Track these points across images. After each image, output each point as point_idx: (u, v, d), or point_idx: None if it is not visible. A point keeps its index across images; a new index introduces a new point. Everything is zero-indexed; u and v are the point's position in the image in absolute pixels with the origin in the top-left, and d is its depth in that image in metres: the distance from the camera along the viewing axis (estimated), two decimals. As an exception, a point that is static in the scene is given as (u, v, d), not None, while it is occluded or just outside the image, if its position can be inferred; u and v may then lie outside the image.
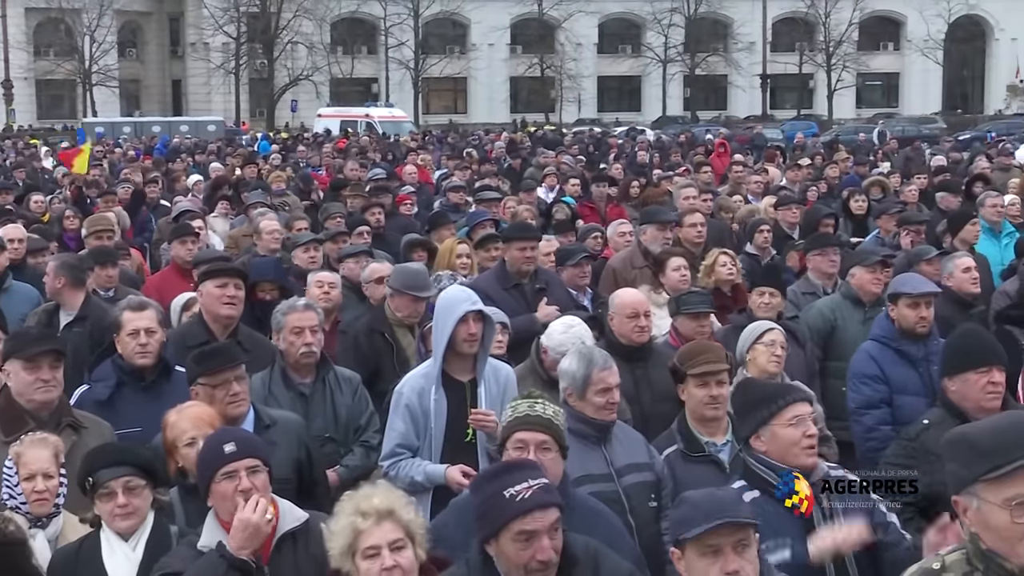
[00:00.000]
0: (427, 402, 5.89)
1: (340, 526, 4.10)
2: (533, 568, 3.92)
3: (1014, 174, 17.66)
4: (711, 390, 5.66)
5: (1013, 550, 3.25)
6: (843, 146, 30.33)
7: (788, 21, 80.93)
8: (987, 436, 3.32)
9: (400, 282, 7.79)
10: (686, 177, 16.81)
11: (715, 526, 3.64)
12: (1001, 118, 65.18)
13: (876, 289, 8.21)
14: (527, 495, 3.93)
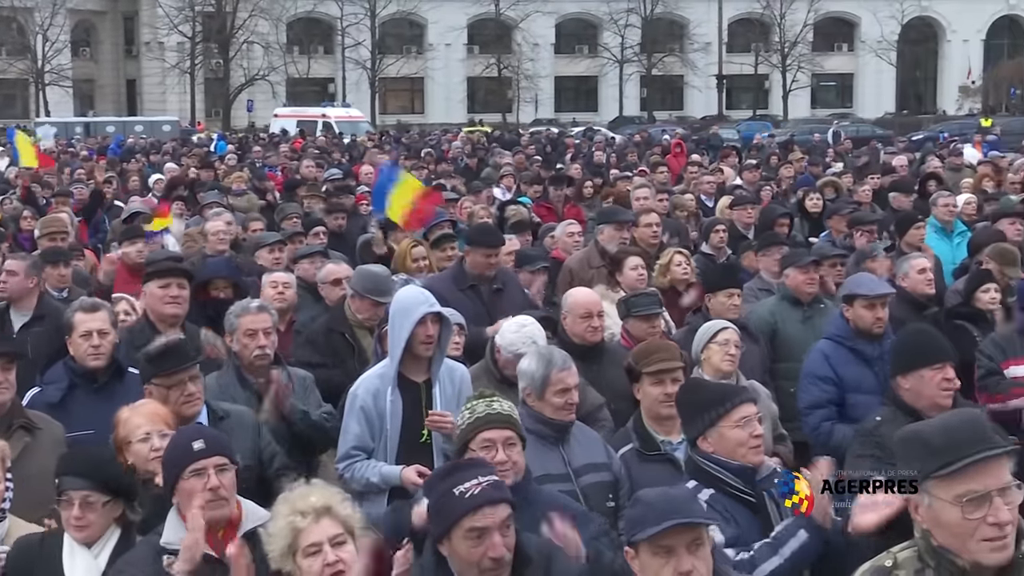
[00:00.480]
0: (383, 403, 5.86)
1: (278, 527, 4.10)
2: (485, 566, 3.92)
3: (965, 174, 17.84)
4: (666, 388, 5.68)
5: (964, 546, 3.27)
6: (798, 146, 30.49)
7: (744, 22, 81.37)
8: (938, 434, 3.34)
9: (362, 286, 7.79)
10: (642, 177, 16.85)
11: (668, 527, 3.66)
12: (951, 118, 65.80)
13: (811, 289, 8.30)
14: (476, 491, 3.94)
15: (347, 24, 75.67)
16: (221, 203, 13.25)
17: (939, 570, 3.32)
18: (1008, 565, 3.26)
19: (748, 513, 4.76)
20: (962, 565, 3.28)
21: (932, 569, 3.33)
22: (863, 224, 10.90)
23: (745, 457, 4.76)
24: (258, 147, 32.81)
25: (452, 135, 42.55)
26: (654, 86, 79.91)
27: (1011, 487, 3.26)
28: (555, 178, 16.47)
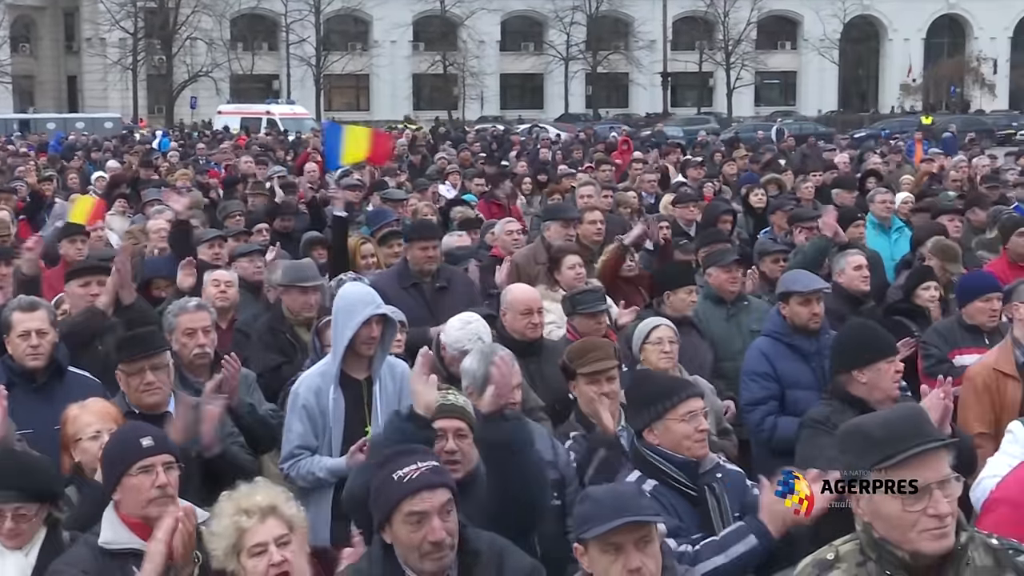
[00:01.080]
0: (325, 401, 5.85)
1: (223, 526, 4.07)
2: (426, 550, 3.93)
3: (906, 171, 18.03)
4: (601, 387, 5.72)
5: (904, 537, 3.30)
6: (743, 144, 30.70)
7: (688, 20, 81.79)
8: (879, 427, 3.38)
9: (287, 277, 7.80)
10: (588, 174, 16.89)
11: (618, 525, 3.68)
12: (892, 116, 66.58)
13: (733, 288, 8.37)
14: (415, 476, 3.95)
15: (292, 20, 75.13)
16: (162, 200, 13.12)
17: (880, 562, 3.35)
18: (947, 555, 3.30)
19: (689, 506, 4.81)
20: (902, 556, 3.31)
21: (873, 561, 3.36)
22: (803, 221, 10.98)
23: (690, 450, 4.81)
24: (202, 144, 32.53)
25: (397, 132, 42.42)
26: (599, 84, 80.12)
27: (950, 479, 3.31)
28: (499, 174, 16.50)
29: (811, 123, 59.46)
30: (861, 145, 33.97)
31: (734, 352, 7.91)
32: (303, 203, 13.08)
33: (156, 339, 5.88)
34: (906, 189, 14.71)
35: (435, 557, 3.94)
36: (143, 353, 5.62)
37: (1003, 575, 3.36)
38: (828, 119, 66.63)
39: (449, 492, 3.99)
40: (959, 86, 79.99)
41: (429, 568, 3.96)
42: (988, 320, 7.47)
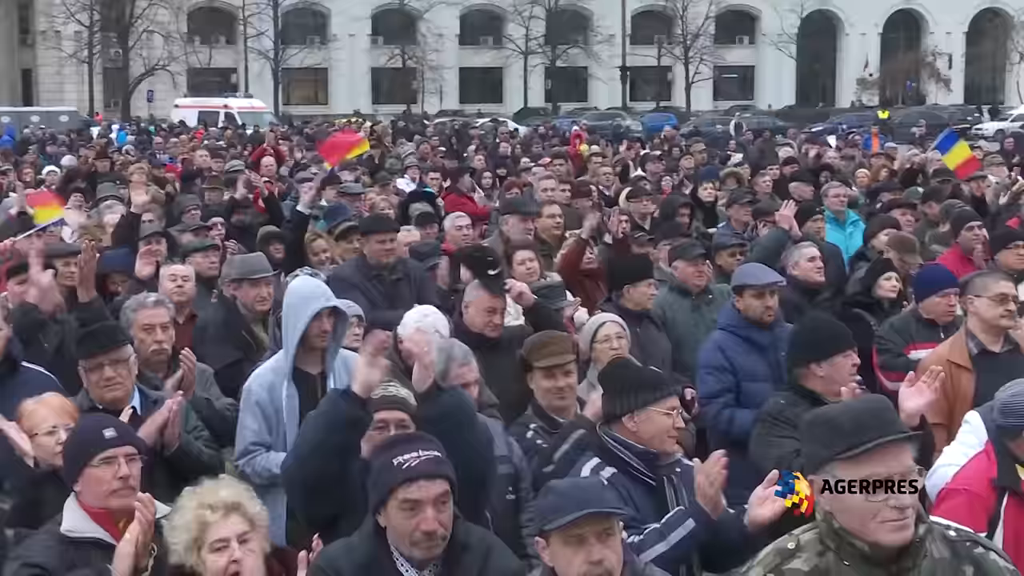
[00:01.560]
0: (278, 397, 5.82)
1: (185, 520, 4.06)
2: (417, 539, 3.95)
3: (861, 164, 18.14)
4: (557, 381, 5.75)
5: (864, 528, 3.31)
6: (703, 138, 30.85)
7: (647, 14, 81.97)
8: (845, 417, 3.38)
9: (238, 271, 7.81)
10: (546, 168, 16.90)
11: (580, 516, 3.70)
12: (849, 110, 66.99)
13: (699, 281, 8.42)
14: (414, 464, 3.96)
15: (249, 14, 74.73)
16: (118, 195, 13.04)
17: (839, 552, 3.36)
18: (906, 547, 3.32)
19: (647, 495, 4.84)
20: (861, 547, 3.33)
21: (833, 551, 3.38)
22: (764, 214, 11.05)
23: (663, 444, 4.86)
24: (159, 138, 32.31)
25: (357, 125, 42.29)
26: (558, 78, 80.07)
27: (912, 473, 3.32)
28: (459, 169, 16.51)
29: (769, 117, 59.78)
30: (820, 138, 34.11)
31: (698, 344, 7.88)
32: (258, 200, 12.97)
33: (116, 334, 5.82)
34: (862, 183, 14.83)
35: (425, 546, 3.96)
36: (102, 348, 5.58)
37: (961, 567, 3.39)
38: (786, 113, 66.95)
39: (447, 484, 4.00)
40: (915, 81, 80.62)
41: (418, 556, 3.99)
42: (945, 315, 7.53)
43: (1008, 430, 4.85)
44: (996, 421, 4.92)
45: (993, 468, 4.78)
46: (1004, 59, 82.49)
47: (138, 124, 52.42)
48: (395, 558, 4.01)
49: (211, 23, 78.20)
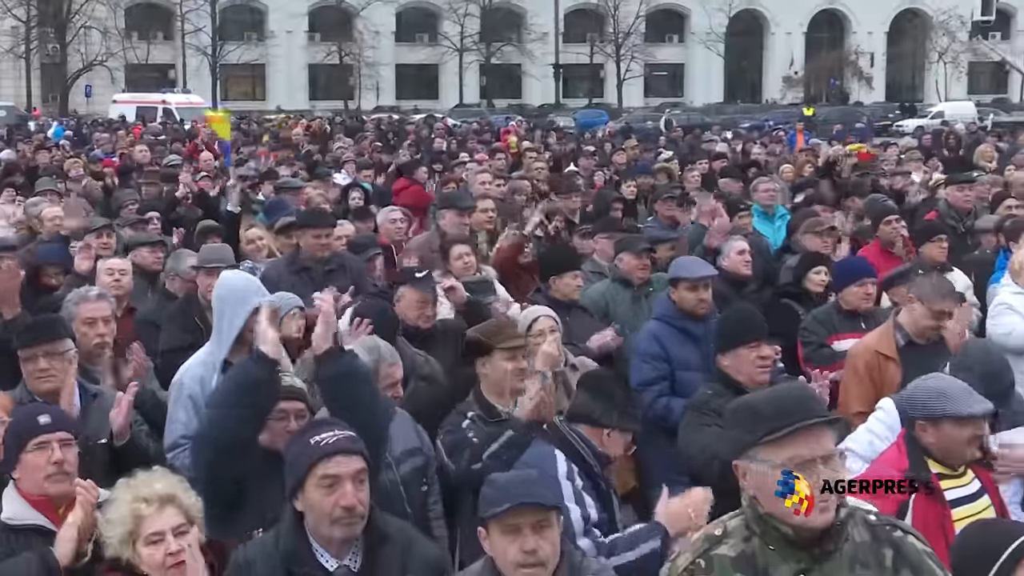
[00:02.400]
0: (209, 390, 5.77)
1: (120, 514, 4.00)
2: (337, 515, 3.92)
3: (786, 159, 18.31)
4: (518, 363, 5.75)
5: (788, 513, 3.35)
6: (634, 134, 31.00)
7: (579, 12, 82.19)
8: (767, 403, 3.42)
9: (205, 259, 7.78)
10: (481, 164, 16.91)
11: (514, 506, 3.73)
12: (776, 107, 67.62)
13: (643, 274, 8.45)
14: (332, 440, 3.97)
15: (187, 10, 73.97)
16: (55, 189, 12.87)
17: (765, 537, 3.39)
18: (828, 530, 3.35)
19: (595, 493, 4.90)
20: (786, 531, 3.36)
21: (758, 536, 3.41)
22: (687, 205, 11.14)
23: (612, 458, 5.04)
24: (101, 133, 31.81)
25: (293, 122, 42.01)
26: (493, 75, 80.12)
27: (835, 455, 3.37)
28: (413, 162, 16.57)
29: (698, 114, 60.20)
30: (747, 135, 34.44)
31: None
32: (192, 197, 12.82)
33: (55, 327, 5.76)
34: (786, 177, 14.96)
35: (346, 523, 3.93)
36: (37, 340, 5.53)
37: (881, 549, 3.43)
38: (714, 110, 67.43)
39: (363, 461, 4.00)
40: (839, 79, 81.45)
41: (339, 535, 3.95)
42: (863, 303, 7.64)
43: (909, 421, 4.89)
44: (908, 410, 4.96)
45: (904, 459, 4.81)
46: (923, 58, 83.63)
47: (77, 120, 51.65)
48: (315, 549, 3.98)
49: (149, 19, 77.38)
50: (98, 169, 17.50)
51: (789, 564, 3.37)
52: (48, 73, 72.87)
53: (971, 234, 10.74)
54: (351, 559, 3.99)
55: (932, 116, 53.49)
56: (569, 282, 7.97)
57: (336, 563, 3.98)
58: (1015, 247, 8.57)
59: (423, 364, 6.61)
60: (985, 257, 9.70)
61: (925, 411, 4.78)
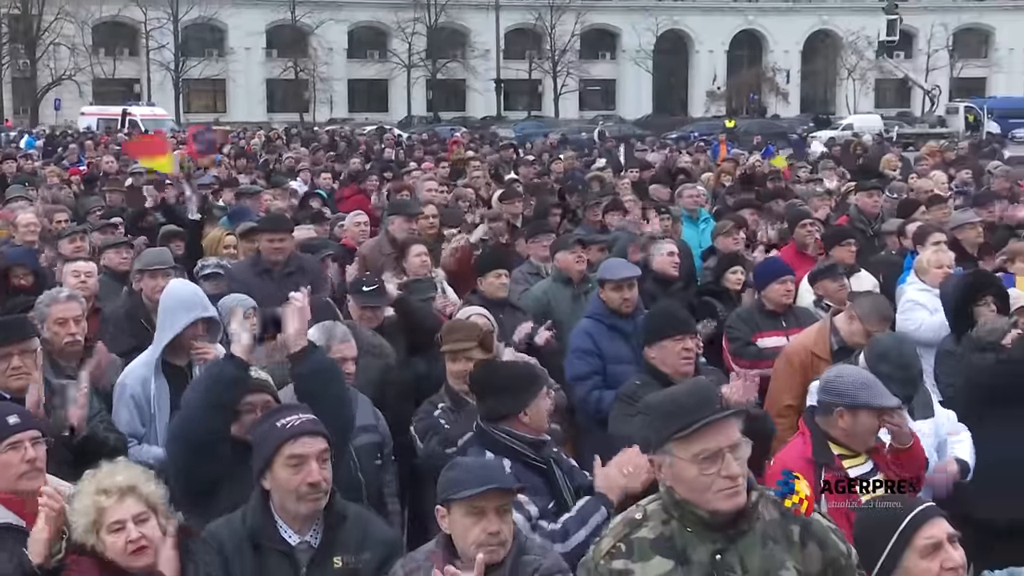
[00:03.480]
0: (149, 390, 5.71)
1: (83, 505, 3.97)
2: (303, 492, 3.92)
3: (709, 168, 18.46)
4: (458, 365, 5.76)
5: (703, 498, 3.36)
6: (571, 145, 31.07)
7: (518, 31, 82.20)
8: (674, 401, 3.43)
9: (141, 263, 7.68)
10: (428, 172, 16.87)
11: (485, 490, 3.70)
12: (700, 120, 68.04)
13: (580, 266, 8.47)
14: (297, 423, 3.99)
15: (151, 28, 73.21)
16: (26, 196, 12.70)
17: (682, 520, 3.41)
18: (740, 511, 3.38)
19: (542, 480, 4.84)
20: (702, 515, 3.38)
21: (676, 519, 3.42)
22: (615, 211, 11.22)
23: (544, 427, 4.92)
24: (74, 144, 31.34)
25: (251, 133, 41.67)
26: (439, 89, 79.96)
27: (740, 444, 3.38)
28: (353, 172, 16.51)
29: (629, 125, 60.43)
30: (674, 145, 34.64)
31: None
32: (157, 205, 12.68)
33: (25, 327, 5.66)
34: (709, 185, 15.07)
35: (311, 498, 3.94)
36: (9, 340, 5.40)
37: (788, 526, 3.46)
38: (644, 122, 67.74)
39: (326, 442, 4.02)
40: (757, 94, 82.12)
41: (304, 510, 3.95)
42: (783, 299, 7.68)
43: (825, 407, 4.88)
44: (819, 399, 4.95)
45: (808, 448, 4.83)
46: (834, 75, 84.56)
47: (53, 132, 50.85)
48: (279, 525, 3.98)
49: (115, 36, 76.33)
50: (65, 177, 17.31)
51: (706, 544, 3.38)
52: (19, 87, 71.70)
53: (878, 237, 10.88)
54: (312, 535, 4.00)
55: (843, 128, 54.01)
56: (493, 281, 7.94)
57: (298, 538, 3.99)
58: (921, 249, 8.69)
59: (371, 337, 6.72)
60: (891, 258, 9.84)
61: (847, 399, 4.81)
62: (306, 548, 3.97)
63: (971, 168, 17.47)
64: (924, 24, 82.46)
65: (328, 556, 3.97)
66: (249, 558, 3.90)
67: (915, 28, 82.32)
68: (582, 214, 12.60)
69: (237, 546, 3.91)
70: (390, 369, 6.47)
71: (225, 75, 79.22)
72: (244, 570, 3.88)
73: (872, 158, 22.27)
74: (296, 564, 3.93)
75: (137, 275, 7.63)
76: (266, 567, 3.91)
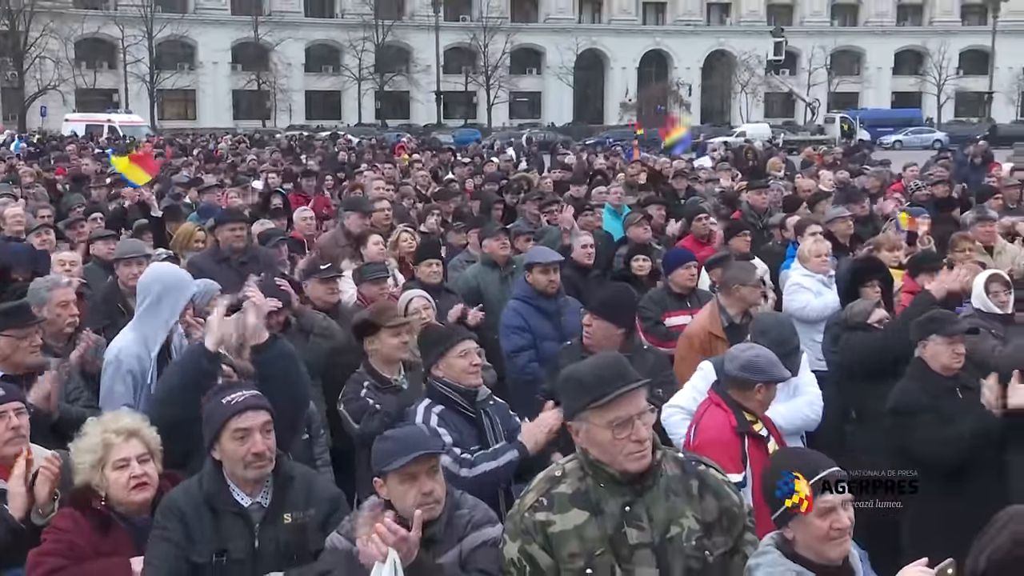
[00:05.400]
0: (145, 367, 5.57)
1: (91, 443, 3.94)
2: (249, 461, 3.86)
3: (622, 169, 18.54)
4: (402, 337, 5.68)
5: (614, 460, 3.37)
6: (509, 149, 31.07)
7: (456, 49, 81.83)
8: (588, 374, 3.42)
9: (122, 252, 7.59)
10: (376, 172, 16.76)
11: (414, 457, 3.64)
12: (614, 127, 68.27)
13: (504, 252, 8.48)
14: (241, 399, 3.92)
15: (128, 44, 71.65)
16: (11, 193, 12.44)
17: (596, 477, 3.40)
18: (647, 470, 3.39)
19: (470, 426, 4.90)
20: (613, 473, 3.38)
21: (591, 477, 3.41)
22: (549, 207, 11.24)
23: (469, 379, 4.96)
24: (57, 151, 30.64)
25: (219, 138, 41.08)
26: (386, 99, 79.38)
27: (646, 411, 3.38)
28: (306, 172, 16.29)
29: (552, 132, 60.48)
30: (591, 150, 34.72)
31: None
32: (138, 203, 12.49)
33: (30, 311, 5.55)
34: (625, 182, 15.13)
35: (257, 466, 3.88)
36: (33, 321, 5.36)
37: (688, 480, 3.48)
38: (566, 129, 67.82)
39: (268, 415, 3.95)
40: (664, 105, 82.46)
41: (251, 476, 3.90)
42: (688, 282, 7.71)
43: (744, 382, 4.89)
44: (732, 373, 4.93)
45: (731, 417, 4.87)
46: (730, 89, 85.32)
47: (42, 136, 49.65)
48: (232, 489, 3.92)
49: (95, 51, 74.70)
50: (52, 177, 16.95)
51: (616, 498, 3.39)
52: (8, 96, 69.97)
53: (766, 229, 11.00)
54: (263, 496, 3.94)
55: (736, 135, 54.53)
56: (424, 269, 7.93)
57: (250, 500, 3.92)
58: (801, 239, 8.80)
59: (321, 320, 6.65)
60: (776, 249, 9.94)
61: (765, 376, 4.89)
62: (258, 508, 3.91)
63: (846, 169, 17.73)
64: (806, 46, 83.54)
65: (278, 514, 3.91)
66: (208, 520, 3.83)
67: (798, 49, 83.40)
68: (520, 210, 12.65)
69: (195, 509, 3.84)
70: (336, 351, 6.37)
71: (195, 86, 77.95)
72: (204, 531, 3.82)
73: (761, 161, 22.53)
74: (250, 522, 3.87)
75: (115, 262, 7.51)
76: (223, 527, 3.84)
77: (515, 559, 3.40)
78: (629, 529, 3.35)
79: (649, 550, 3.34)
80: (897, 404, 5.44)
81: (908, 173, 16.14)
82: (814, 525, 3.26)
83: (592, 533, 3.34)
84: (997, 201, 11.47)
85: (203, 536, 3.81)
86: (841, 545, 3.28)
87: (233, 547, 3.82)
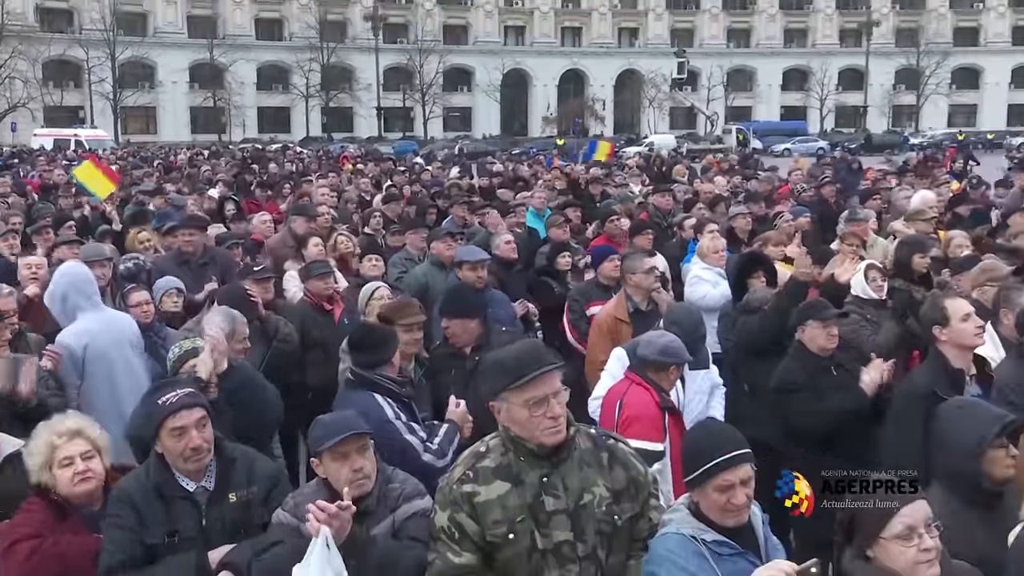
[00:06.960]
0: (75, 350, 5.49)
1: (38, 445, 3.87)
2: (187, 455, 3.80)
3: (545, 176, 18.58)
4: (415, 334, 5.46)
5: (532, 435, 3.36)
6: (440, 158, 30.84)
7: (394, 69, 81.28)
8: (509, 357, 3.40)
9: (87, 255, 7.44)
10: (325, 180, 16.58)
11: (343, 437, 3.63)
12: (537, 139, 68.45)
13: (450, 253, 8.42)
14: (174, 400, 3.82)
15: (93, 65, 69.82)
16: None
17: (516, 451, 3.40)
18: (562, 444, 3.39)
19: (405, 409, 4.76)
20: (531, 447, 3.38)
21: (512, 452, 3.41)
22: (477, 209, 11.21)
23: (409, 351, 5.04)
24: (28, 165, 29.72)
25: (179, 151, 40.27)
26: (332, 115, 78.44)
27: (561, 391, 3.37)
28: (260, 183, 16.09)
29: (482, 143, 60.45)
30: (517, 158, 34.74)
31: None
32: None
33: None
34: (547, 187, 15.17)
35: (195, 460, 3.83)
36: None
37: (599, 453, 3.48)
38: (494, 140, 67.81)
39: (203, 410, 3.87)
40: (581, 118, 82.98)
41: (192, 467, 3.84)
42: (612, 274, 7.66)
43: (660, 365, 4.99)
44: (650, 358, 5.03)
45: (654, 395, 4.94)
46: (639, 103, 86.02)
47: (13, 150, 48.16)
48: (177, 477, 3.85)
49: (62, 71, 72.60)
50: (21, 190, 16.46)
51: (535, 470, 3.39)
52: (-21, 113, 67.73)
53: (671, 228, 11.11)
54: (207, 480, 3.88)
55: (645, 145, 55.06)
56: (365, 263, 8.02)
57: (195, 485, 3.86)
58: (700, 237, 8.90)
59: (283, 326, 6.50)
60: (679, 244, 10.04)
61: (679, 359, 5.05)
62: (203, 492, 3.84)
63: (741, 175, 18.00)
64: (706, 65, 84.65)
65: (223, 494, 3.85)
66: (158, 506, 3.77)
67: (699, 68, 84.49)
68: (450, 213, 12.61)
69: (145, 496, 3.77)
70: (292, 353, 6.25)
71: (155, 103, 76.29)
72: (155, 515, 3.75)
73: (667, 168, 22.75)
74: (197, 504, 3.81)
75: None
76: (172, 510, 3.78)
77: (445, 527, 3.39)
78: (546, 497, 3.35)
79: (564, 516, 3.35)
80: (780, 381, 5.54)
81: (793, 177, 16.44)
82: (712, 497, 3.27)
83: (513, 502, 3.34)
84: (875, 201, 11.83)
85: (154, 520, 3.74)
86: (736, 516, 3.26)
87: (183, 527, 3.76)
